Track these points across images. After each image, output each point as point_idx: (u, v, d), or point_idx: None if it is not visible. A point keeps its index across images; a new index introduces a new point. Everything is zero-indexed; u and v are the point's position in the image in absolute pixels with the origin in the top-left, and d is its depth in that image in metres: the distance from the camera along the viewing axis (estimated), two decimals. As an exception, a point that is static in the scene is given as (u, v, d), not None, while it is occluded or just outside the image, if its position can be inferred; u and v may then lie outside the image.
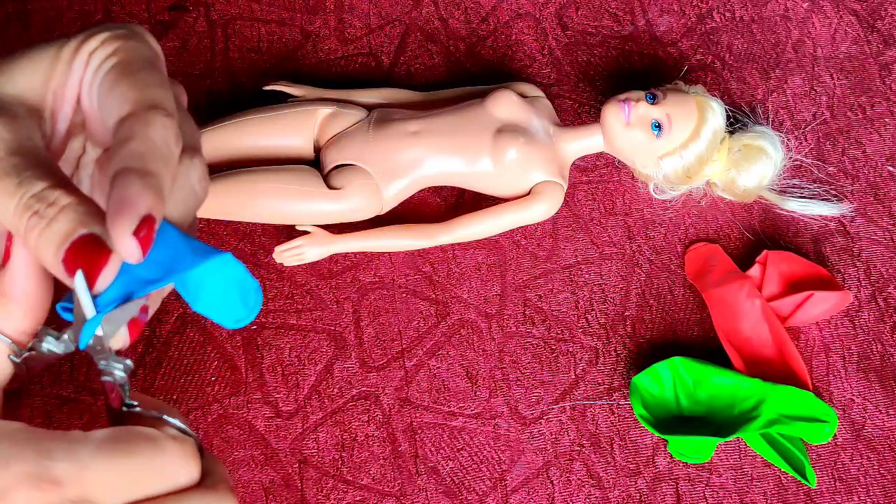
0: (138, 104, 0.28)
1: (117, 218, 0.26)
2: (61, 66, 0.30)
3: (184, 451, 0.27)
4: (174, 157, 0.28)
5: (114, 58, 0.30)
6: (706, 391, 0.48)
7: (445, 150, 0.51)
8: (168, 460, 0.27)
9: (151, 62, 0.30)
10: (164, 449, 0.27)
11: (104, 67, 0.30)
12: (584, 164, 0.55)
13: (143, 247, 0.26)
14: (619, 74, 0.57)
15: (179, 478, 0.27)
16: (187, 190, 0.30)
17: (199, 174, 0.30)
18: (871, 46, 0.57)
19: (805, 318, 0.50)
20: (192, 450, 0.27)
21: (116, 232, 0.26)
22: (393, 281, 0.52)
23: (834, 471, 0.48)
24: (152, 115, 0.28)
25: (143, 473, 0.26)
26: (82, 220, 0.27)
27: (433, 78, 0.58)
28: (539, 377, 0.50)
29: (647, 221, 0.53)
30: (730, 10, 0.59)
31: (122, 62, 0.30)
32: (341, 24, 0.59)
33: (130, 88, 0.29)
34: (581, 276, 0.52)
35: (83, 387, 0.50)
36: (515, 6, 0.59)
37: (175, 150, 0.28)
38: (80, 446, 0.26)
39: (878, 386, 0.49)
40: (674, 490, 0.48)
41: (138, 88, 0.29)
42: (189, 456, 0.27)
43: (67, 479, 0.25)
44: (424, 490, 0.48)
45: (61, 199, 0.27)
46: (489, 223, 0.52)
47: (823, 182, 0.54)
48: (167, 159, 0.28)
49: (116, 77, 0.29)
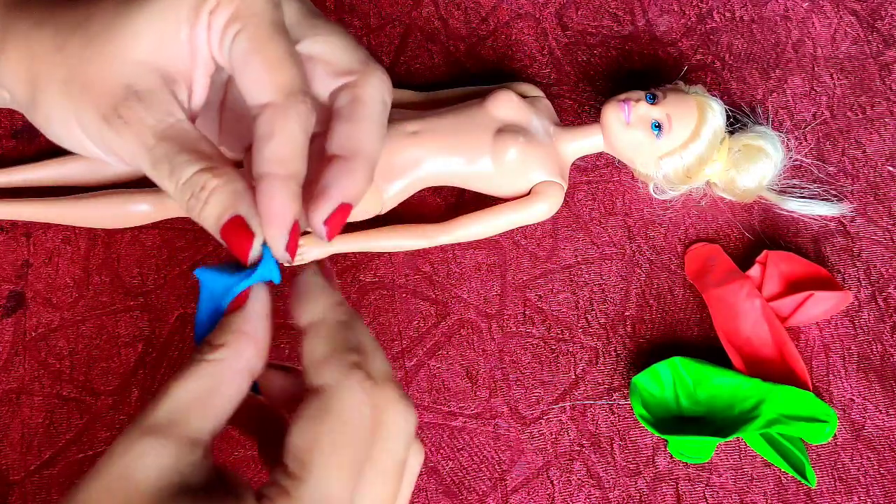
0: (275, 91, 0.29)
1: (269, 229, 0.29)
2: (185, 29, 0.30)
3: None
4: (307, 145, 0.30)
5: (237, 24, 0.30)
6: (706, 391, 0.48)
7: (445, 150, 0.51)
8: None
9: (275, 23, 0.30)
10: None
11: (229, 33, 0.30)
12: (584, 164, 0.55)
13: (292, 251, 0.30)
14: (619, 74, 0.57)
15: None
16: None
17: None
18: (871, 46, 0.57)
19: (805, 318, 0.50)
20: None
21: (272, 239, 0.29)
22: (393, 281, 0.52)
23: (834, 471, 0.48)
24: (291, 105, 0.29)
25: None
26: (231, 203, 0.29)
27: (433, 78, 0.58)
28: (539, 377, 0.50)
29: (647, 221, 0.53)
30: (730, 10, 0.59)
31: (249, 30, 0.30)
32: (341, 24, 0.59)
33: (264, 68, 0.29)
34: (581, 276, 0.52)
35: (83, 386, 0.50)
36: (515, 6, 0.59)
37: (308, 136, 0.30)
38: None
39: (878, 386, 0.49)
40: (674, 490, 0.48)
41: (272, 69, 0.29)
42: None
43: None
44: (424, 490, 0.48)
45: (210, 182, 0.29)
46: (489, 223, 0.52)
47: (823, 182, 0.54)
48: (305, 152, 0.30)
49: (247, 51, 0.30)
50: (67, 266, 0.53)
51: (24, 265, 0.53)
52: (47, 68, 0.31)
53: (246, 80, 0.30)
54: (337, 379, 0.27)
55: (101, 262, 0.53)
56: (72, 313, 0.52)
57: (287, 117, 0.29)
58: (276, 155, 0.29)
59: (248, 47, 0.30)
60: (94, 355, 0.51)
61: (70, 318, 0.52)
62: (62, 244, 0.53)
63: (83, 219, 0.53)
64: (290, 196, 0.29)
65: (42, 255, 0.53)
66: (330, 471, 0.26)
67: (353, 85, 0.32)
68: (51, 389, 0.50)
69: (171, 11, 0.30)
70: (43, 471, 0.49)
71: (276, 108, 0.29)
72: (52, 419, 0.49)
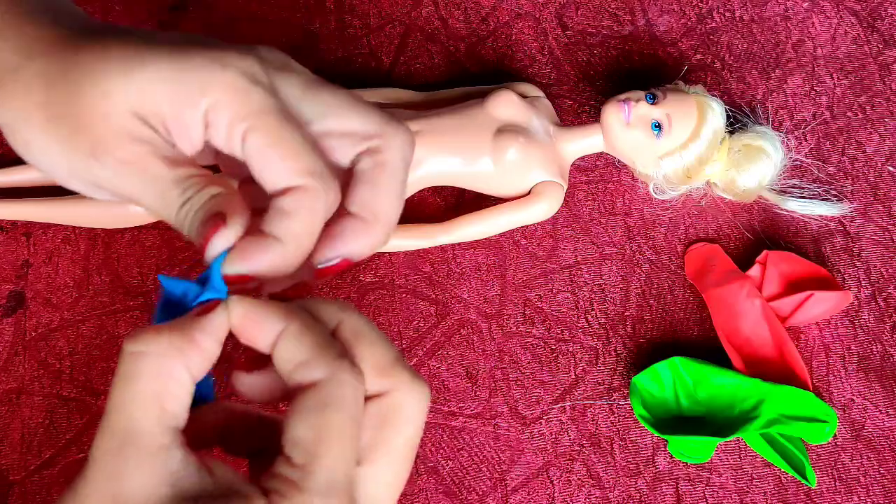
0: (298, 176, 0.30)
1: (240, 261, 0.29)
2: (168, 109, 0.30)
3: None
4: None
5: (242, 123, 0.30)
6: (706, 391, 0.48)
7: (445, 150, 0.51)
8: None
9: (280, 112, 0.30)
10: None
11: (236, 133, 0.30)
12: (584, 164, 0.55)
13: (231, 283, 0.30)
14: (619, 74, 0.57)
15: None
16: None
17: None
18: (871, 46, 0.57)
19: (805, 318, 0.50)
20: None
21: (230, 265, 0.30)
22: (393, 281, 0.52)
23: (834, 471, 0.48)
24: (318, 189, 0.30)
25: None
26: (219, 204, 0.30)
27: (433, 78, 0.58)
28: (539, 377, 0.50)
29: (647, 221, 0.53)
30: (730, 10, 0.59)
31: (259, 128, 0.30)
32: (341, 24, 0.59)
33: (281, 159, 0.30)
34: (581, 276, 0.52)
35: (83, 386, 0.50)
36: (515, 6, 0.59)
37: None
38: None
39: (878, 386, 0.49)
40: (674, 490, 0.48)
41: (291, 158, 0.30)
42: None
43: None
44: (424, 490, 0.48)
45: (208, 190, 0.30)
46: (489, 223, 0.52)
47: (823, 182, 0.54)
48: (318, 233, 0.31)
49: (262, 146, 0.30)
50: (67, 266, 0.53)
51: (24, 265, 0.53)
52: (33, 105, 0.31)
53: (267, 171, 0.30)
54: (329, 371, 0.28)
55: (101, 262, 0.53)
56: (72, 313, 0.52)
57: (316, 199, 0.30)
58: (293, 232, 0.30)
59: (262, 143, 0.30)
60: (94, 355, 0.51)
61: (70, 318, 0.52)
62: (62, 244, 0.53)
63: (83, 219, 0.53)
64: (276, 265, 0.29)
65: (42, 255, 0.53)
66: (337, 459, 0.27)
67: (374, 150, 0.32)
68: (51, 389, 0.50)
69: (166, 91, 0.30)
70: (43, 471, 0.49)
71: (306, 191, 0.29)
72: (52, 419, 0.49)
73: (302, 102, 0.31)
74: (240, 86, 0.30)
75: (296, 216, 0.29)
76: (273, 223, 0.30)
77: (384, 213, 0.32)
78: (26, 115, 0.31)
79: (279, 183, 0.30)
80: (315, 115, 0.32)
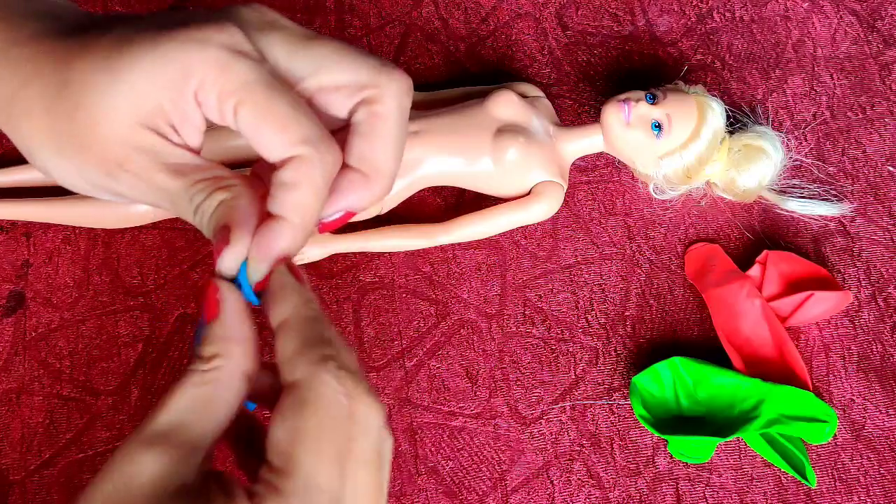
0: (295, 146, 0.29)
1: (257, 259, 0.30)
2: (167, 102, 0.30)
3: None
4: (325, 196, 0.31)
5: (231, 98, 0.29)
6: (706, 391, 0.48)
7: (445, 150, 0.51)
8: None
9: (269, 82, 0.30)
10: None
11: (227, 108, 0.30)
12: (584, 164, 0.55)
13: (263, 285, 0.31)
14: (619, 74, 0.57)
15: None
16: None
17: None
18: (871, 46, 0.57)
19: (805, 318, 0.50)
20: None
21: (253, 267, 0.30)
22: (393, 281, 0.52)
23: (834, 471, 0.48)
24: (317, 156, 0.29)
25: None
26: (229, 214, 0.30)
27: (433, 78, 0.58)
28: (539, 377, 0.50)
29: (647, 221, 0.53)
30: (730, 10, 0.59)
31: (248, 101, 0.29)
32: (341, 24, 0.59)
33: (276, 131, 0.29)
34: (581, 276, 0.52)
35: (83, 386, 0.50)
36: (515, 6, 0.59)
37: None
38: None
39: (878, 386, 0.49)
40: (674, 490, 0.48)
41: (285, 129, 0.29)
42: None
43: None
44: (424, 490, 0.48)
45: (217, 195, 0.31)
46: (489, 223, 0.52)
47: (823, 182, 0.54)
48: (324, 201, 0.31)
49: (254, 119, 0.30)
50: (67, 266, 0.53)
51: (24, 265, 0.53)
52: (38, 131, 0.31)
53: (262, 144, 0.30)
54: (310, 372, 0.28)
55: (101, 262, 0.53)
56: (72, 313, 0.52)
57: (313, 167, 0.29)
58: (298, 205, 0.30)
59: (254, 115, 0.29)
60: (94, 355, 0.51)
61: (70, 318, 0.52)
62: (62, 244, 0.53)
63: (83, 219, 0.53)
64: (294, 243, 0.30)
65: (42, 255, 0.53)
66: (314, 462, 0.27)
67: (369, 100, 0.31)
68: (51, 389, 0.50)
69: (154, 84, 0.30)
70: (43, 471, 0.49)
71: (302, 160, 0.29)
72: (52, 419, 0.49)
73: (291, 60, 0.31)
74: (222, 61, 0.29)
75: (296, 188, 0.29)
76: (277, 200, 0.30)
77: (383, 164, 0.31)
78: (38, 143, 0.31)
79: (276, 155, 0.30)
80: (306, 71, 0.31)
